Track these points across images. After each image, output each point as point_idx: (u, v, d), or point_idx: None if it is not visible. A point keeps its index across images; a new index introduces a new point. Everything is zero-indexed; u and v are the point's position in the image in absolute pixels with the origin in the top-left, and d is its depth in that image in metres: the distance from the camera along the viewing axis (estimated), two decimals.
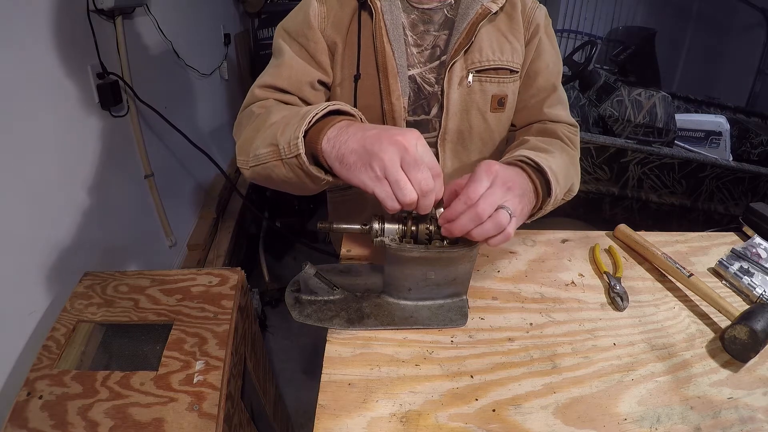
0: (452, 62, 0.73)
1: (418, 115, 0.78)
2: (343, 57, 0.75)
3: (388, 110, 0.75)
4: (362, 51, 0.74)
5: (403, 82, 0.74)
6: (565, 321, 0.63)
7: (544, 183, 0.60)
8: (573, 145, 0.76)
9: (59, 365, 0.75)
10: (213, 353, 0.76)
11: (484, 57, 0.74)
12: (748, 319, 0.57)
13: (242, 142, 0.64)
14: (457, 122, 0.77)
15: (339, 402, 0.49)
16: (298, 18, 0.76)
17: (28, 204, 0.91)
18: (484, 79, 0.75)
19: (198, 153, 1.53)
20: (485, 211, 0.50)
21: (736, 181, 1.84)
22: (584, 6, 3.90)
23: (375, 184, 0.48)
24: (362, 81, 0.75)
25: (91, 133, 1.16)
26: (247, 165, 0.61)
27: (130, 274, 0.93)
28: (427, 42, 0.76)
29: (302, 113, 0.53)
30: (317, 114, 0.52)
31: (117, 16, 1.23)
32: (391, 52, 0.72)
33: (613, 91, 1.98)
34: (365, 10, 0.73)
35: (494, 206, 0.50)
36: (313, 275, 0.59)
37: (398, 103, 0.74)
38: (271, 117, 0.61)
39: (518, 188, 0.53)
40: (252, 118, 0.67)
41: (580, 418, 0.49)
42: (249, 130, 0.64)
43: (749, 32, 3.51)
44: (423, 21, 0.76)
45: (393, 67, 0.73)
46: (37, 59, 0.96)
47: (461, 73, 0.74)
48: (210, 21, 2.12)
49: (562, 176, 0.64)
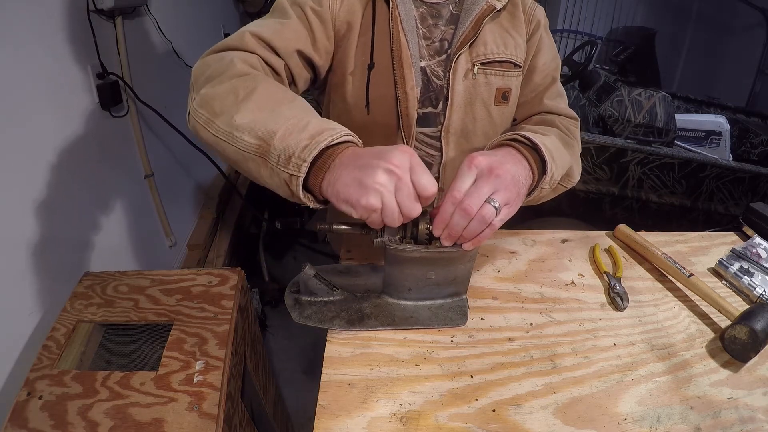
0: (458, 54, 0.73)
1: (425, 107, 0.78)
2: (356, 44, 0.74)
3: (402, 99, 0.74)
4: (376, 39, 0.73)
5: (416, 73, 0.74)
6: (565, 321, 0.63)
7: (539, 160, 0.59)
8: (572, 136, 0.76)
9: (59, 365, 0.75)
10: (213, 353, 0.76)
11: (488, 50, 0.75)
12: (748, 319, 0.57)
13: (209, 94, 0.55)
14: (462, 115, 0.78)
15: (339, 402, 0.49)
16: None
17: (28, 204, 0.91)
18: (489, 71, 0.76)
19: (198, 153, 1.52)
20: (472, 208, 0.49)
21: (736, 181, 1.84)
22: (584, 6, 3.90)
23: (368, 215, 0.47)
24: (375, 70, 0.74)
25: (91, 133, 1.15)
26: (207, 126, 0.54)
27: (130, 274, 0.93)
28: (435, 35, 0.76)
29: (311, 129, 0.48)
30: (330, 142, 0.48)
31: (117, 16, 1.23)
32: (405, 42, 0.73)
33: (613, 91, 1.98)
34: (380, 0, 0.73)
35: (481, 201, 0.49)
36: (312, 276, 0.59)
37: (412, 93, 0.74)
38: (257, 91, 0.54)
39: (506, 172, 0.51)
40: (229, 70, 0.57)
41: (580, 418, 0.49)
42: (223, 87, 0.55)
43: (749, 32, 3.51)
44: (431, 15, 0.76)
45: (408, 57, 0.73)
46: (37, 59, 0.95)
47: (467, 65, 0.75)
48: (210, 21, 2.12)
49: (558, 155, 0.62)
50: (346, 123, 0.77)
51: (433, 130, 0.79)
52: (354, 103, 0.76)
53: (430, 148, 0.80)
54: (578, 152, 0.76)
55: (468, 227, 0.50)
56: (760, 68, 3.46)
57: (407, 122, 0.76)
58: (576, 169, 0.72)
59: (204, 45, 0.70)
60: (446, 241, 0.53)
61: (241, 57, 0.61)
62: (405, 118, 0.76)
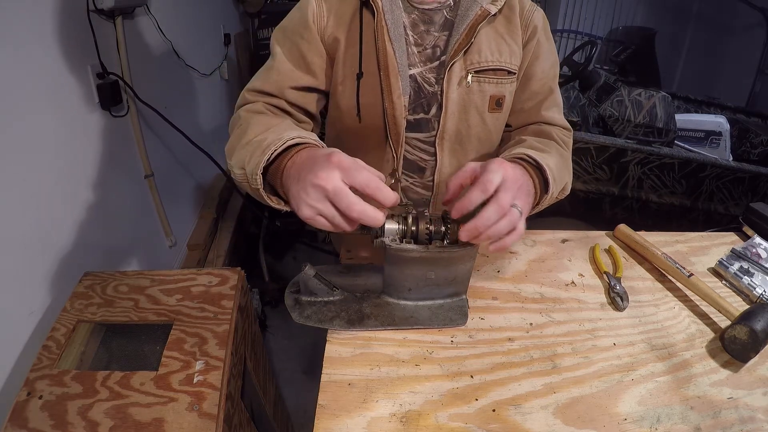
0: (452, 62, 0.73)
1: (417, 113, 0.78)
2: (345, 54, 0.76)
3: (389, 108, 0.75)
4: (364, 49, 0.74)
5: (404, 81, 0.74)
6: (565, 321, 0.63)
7: (542, 180, 0.62)
8: (566, 147, 0.78)
9: (59, 365, 0.75)
10: (213, 353, 0.76)
11: (483, 58, 0.75)
12: (748, 319, 0.57)
13: (227, 147, 0.68)
14: (456, 122, 0.78)
15: (339, 402, 0.49)
16: (295, 17, 0.77)
17: (28, 204, 0.91)
18: (483, 79, 0.76)
19: (198, 153, 1.53)
20: (506, 202, 0.49)
21: (736, 181, 1.84)
22: (584, 6, 3.90)
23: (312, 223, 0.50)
24: (364, 79, 0.75)
25: (91, 133, 1.15)
26: (231, 171, 0.66)
27: (130, 274, 0.93)
28: (428, 42, 0.76)
29: (264, 145, 0.56)
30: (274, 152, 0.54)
31: (117, 16, 1.23)
32: (392, 51, 0.73)
33: (613, 91, 1.98)
34: (367, 9, 0.73)
35: (511, 200, 0.50)
36: (312, 276, 0.59)
37: (399, 102, 0.74)
38: (248, 132, 0.64)
39: (525, 185, 0.55)
40: (238, 123, 0.70)
41: (580, 418, 0.49)
42: (233, 137, 0.68)
43: (749, 32, 3.51)
44: (423, 21, 0.76)
45: (394, 66, 0.73)
46: (37, 59, 0.95)
47: (461, 73, 0.75)
48: (210, 21, 2.12)
49: (559, 175, 0.65)
50: (340, 129, 0.82)
51: (426, 135, 0.79)
52: (346, 110, 0.78)
53: (424, 153, 0.81)
54: (570, 163, 0.78)
55: (497, 225, 0.49)
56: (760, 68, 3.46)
57: (395, 130, 0.76)
58: (569, 183, 0.74)
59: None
60: (468, 234, 0.50)
61: (246, 108, 0.73)
62: (393, 126, 0.76)
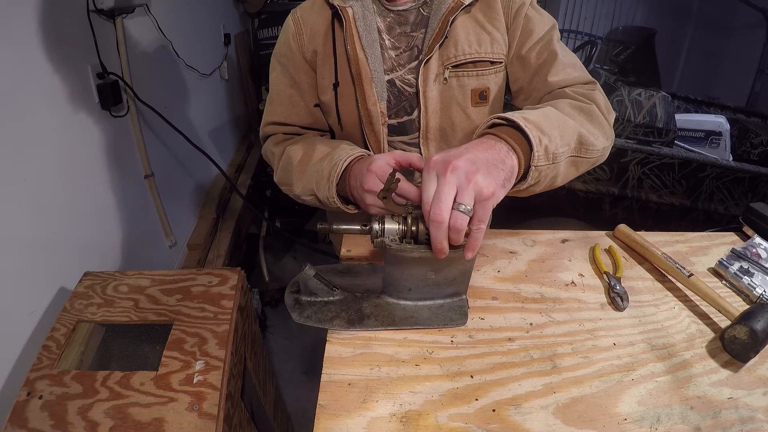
0: (427, 59, 0.71)
1: (400, 117, 0.77)
2: (323, 66, 0.76)
3: (364, 116, 0.75)
4: (338, 58, 0.74)
5: (379, 87, 0.73)
6: (565, 321, 0.63)
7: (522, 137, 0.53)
8: (588, 99, 0.68)
9: (59, 365, 0.75)
10: (213, 353, 0.76)
11: (459, 51, 0.72)
12: (748, 319, 0.57)
13: (278, 179, 0.80)
14: (438, 120, 0.76)
15: (339, 402, 0.49)
16: (281, 40, 0.80)
17: (28, 204, 0.91)
18: (462, 73, 0.73)
19: (198, 153, 1.52)
20: (441, 215, 0.46)
21: (736, 181, 1.84)
22: (584, 6, 3.89)
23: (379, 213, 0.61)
24: (341, 88, 0.75)
25: (91, 133, 1.15)
26: (292, 194, 0.78)
27: (130, 274, 0.93)
28: (405, 44, 0.75)
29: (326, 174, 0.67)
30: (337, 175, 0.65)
31: (117, 16, 1.23)
32: (364, 58, 0.72)
33: (613, 91, 1.98)
34: (338, 18, 0.72)
35: (447, 205, 0.46)
36: (312, 276, 0.59)
37: (375, 109, 0.74)
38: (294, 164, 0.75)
39: (466, 161, 0.47)
40: (275, 158, 0.81)
41: (580, 418, 0.49)
42: (280, 170, 0.79)
43: (749, 32, 3.50)
44: (399, 23, 0.75)
45: (367, 74, 0.72)
46: (37, 59, 0.96)
47: (437, 69, 0.72)
48: (210, 21, 2.12)
49: (550, 125, 0.56)
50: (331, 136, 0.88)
51: (410, 137, 0.79)
52: (332, 120, 0.80)
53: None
54: (602, 115, 0.68)
55: (450, 237, 0.48)
56: (760, 68, 3.46)
57: (374, 137, 0.76)
58: (598, 137, 0.63)
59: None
60: (440, 254, 0.50)
61: (271, 142, 0.84)
62: (370, 133, 0.76)
